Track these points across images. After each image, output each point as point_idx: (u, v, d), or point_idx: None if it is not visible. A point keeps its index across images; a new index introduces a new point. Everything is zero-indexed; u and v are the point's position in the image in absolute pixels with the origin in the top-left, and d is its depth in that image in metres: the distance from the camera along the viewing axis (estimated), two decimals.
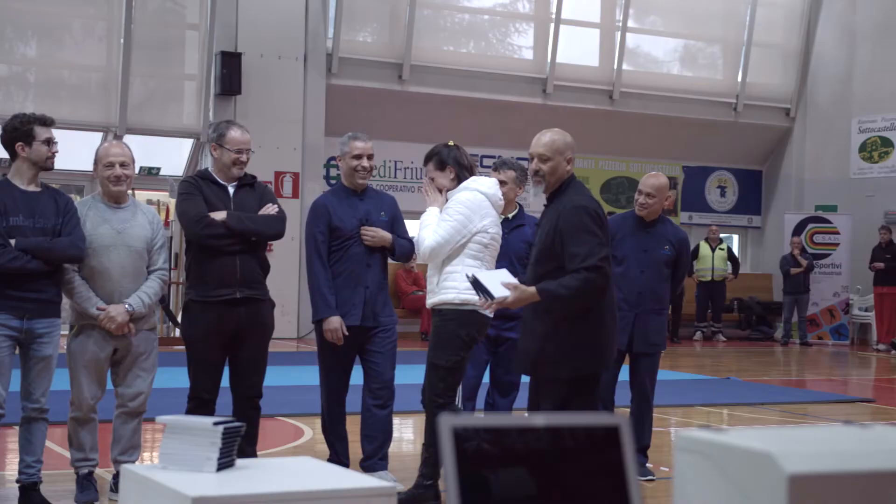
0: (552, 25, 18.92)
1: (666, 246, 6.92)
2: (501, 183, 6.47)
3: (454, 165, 6.08)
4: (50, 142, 5.75)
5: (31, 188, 5.76)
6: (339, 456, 6.34)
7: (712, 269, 18.75)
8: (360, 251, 6.32)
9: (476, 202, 5.96)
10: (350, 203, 6.40)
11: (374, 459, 6.37)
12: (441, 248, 5.89)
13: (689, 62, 20.88)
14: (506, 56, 19.34)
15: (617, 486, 2.02)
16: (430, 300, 6.02)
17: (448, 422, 1.95)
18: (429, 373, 5.95)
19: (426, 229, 5.95)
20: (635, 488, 2.00)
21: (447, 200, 6.02)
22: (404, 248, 6.46)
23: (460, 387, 6.53)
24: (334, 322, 6.21)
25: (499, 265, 6.11)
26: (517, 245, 6.66)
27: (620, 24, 19.44)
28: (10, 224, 5.61)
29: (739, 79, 20.46)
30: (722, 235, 19.66)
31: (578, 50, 19.36)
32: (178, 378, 7.69)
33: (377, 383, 6.35)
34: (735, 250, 20.89)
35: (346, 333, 6.23)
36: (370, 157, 6.44)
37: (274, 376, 6.25)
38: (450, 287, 5.90)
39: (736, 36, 20.56)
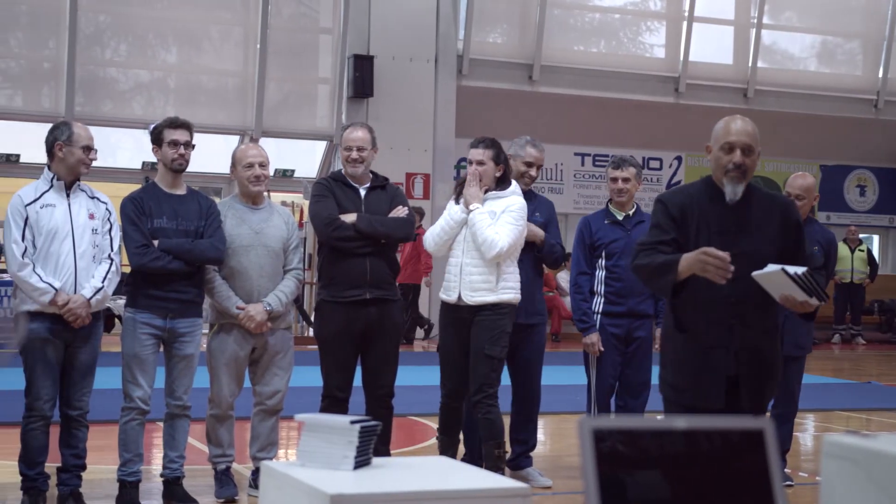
0: (685, 23, 18.67)
1: (815, 247, 6.75)
2: (624, 180, 6.55)
3: (504, 166, 6.18)
4: (176, 143, 5.87)
5: (176, 191, 5.92)
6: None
7: (851, 271, 18.25)
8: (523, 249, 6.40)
9: (525, 209, 6.17)
10: None
11: (522, 458, 6.57)
12: (512, 250, 6.05)
13: (826, 58, 20.36)
14: (637, 55, 19.15)
15: (760, 493, 1.98)
16: (488, 298, 6.03)
17: (588, 423, 1.94)
18: (482, 363, 6.03)
19: (490, 228, 5.99)
20: (781, 495, 1.96)
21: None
22: (554, 250, 6.58)
23: (594, 390, 6.53)
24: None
25: (625, 262, 6.23)
26: None
27: (755, 20, 19.07)
28: (154, 226, 5.78)
29: (881, 74, 19.87)
30: (861, 236, 19.12)
31: (712, 47, 19.06)
32: (312, 377, 7.82)
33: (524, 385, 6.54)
34: (875, 251, 20.30)
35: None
36: (539, 165, 6.63)
37: (406, 376, 6.31)
38: (510, 287, 6.07)
39: (877, 30, 19.97)
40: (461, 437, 6.38)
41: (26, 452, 5.53)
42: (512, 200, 6.11)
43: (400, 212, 6.14)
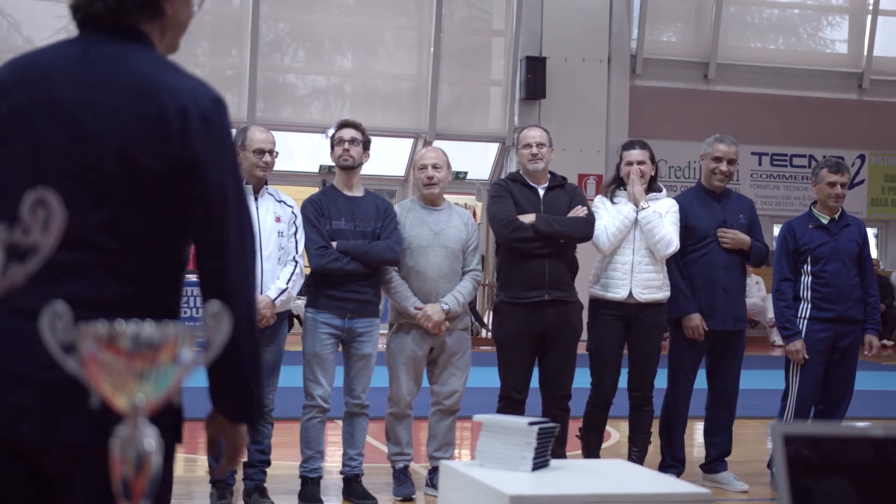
0: (869, 17, 18.05)
1: None
2: (843, 185, 6.47)
3: (656, 167, 6.43)
4: (342, 141, 6.02)
5: (354, 193, 6.05)
6: (673, 457, 6.42)
7: None
8: (717, 253, 6.38)
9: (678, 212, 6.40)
10: (708, 204, 6.50)
11: (717, 462, 6.54)
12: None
13: None
14: (817, 51, 18.62)
15: None
16: (657, 295, 6.23)
17: (780, 429, 1.90)
18: (653, 360, 6.28)
19: (665, 228, 6.21)
20: None
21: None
22: (760, 252, 6.54)
23: (794, 396, 6.38)
24: (695, 319, 6.31)
25: (832, 267, 6.35)
26: (849, 245, 6.50)
27: None
28: (332, 227, 5.91)
29: None
30: None
31: None
32: (487, 377, 7.86)
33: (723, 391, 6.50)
34: None
35: (706, 329, 6.32)
36: (732, 160, 6.56)
37: (580, 377, 6.30)
38: (668, 286, 6.29)
39: None
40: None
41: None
42: (671, 202, 6.38)
43: (579, 211, 6.12)
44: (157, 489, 1.26)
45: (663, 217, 6.24)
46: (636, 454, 6.32)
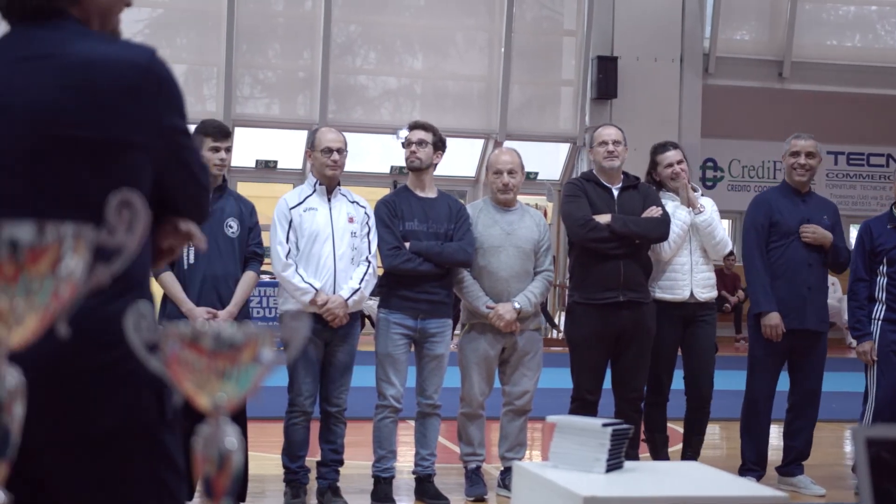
0: None
1: None
2: None
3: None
4: (409, 142, 6.06)
5: (427, 194, 6.06)
6: (756, 459, 6.37)
7: None
8: (801, 251, 6.34)
9: None
10: (793, 201, 6.48)
11: (794, 465, 6.49)
12: None
13: None
14: (895, 48, 18.29)
15: None
16: (713, 294, 6.37)
17: (862, 433, 1.87)
18: (712, 360, 6.37)
19: (721, 229, 6.39)
20: None
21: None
22: (841, 254, 6.47)
23: (873, 399, 6.28)
24: (774, 318, 6.26)
25: None
26: None
27: None
28: (406, 228, 5.94)
29: None
30: None
31: None
32: (556, 378, 7.84)
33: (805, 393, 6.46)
34: None
35: (785, 331, 6.27)
36: (810, 153, 6.51)
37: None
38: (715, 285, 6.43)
39: None
40: None
41: (288, 446, 5.77)
42: (711, 201, 6.53)
43: (654, 212, 6.08)
44: (239, 487, 1.27)
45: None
46: (690, 456, 6.31)
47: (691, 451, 6.36)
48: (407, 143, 6.08)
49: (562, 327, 12.98)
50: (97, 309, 1.81)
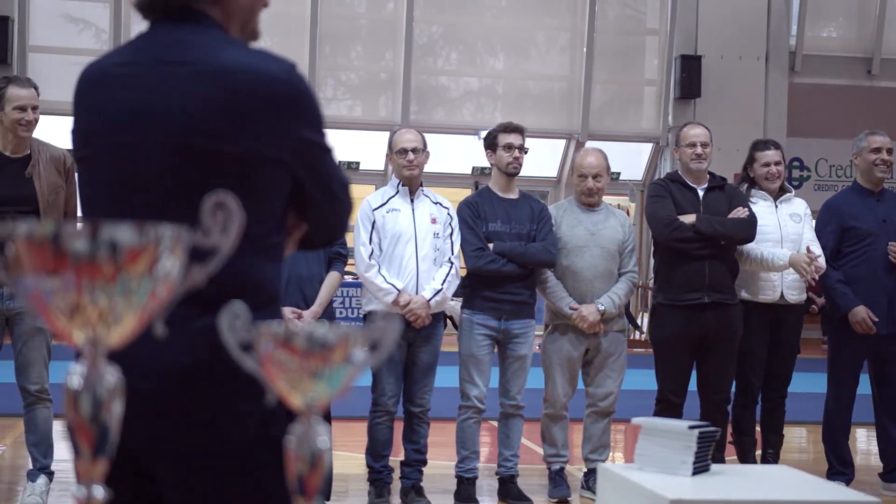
0: None
1: None
2: None
3: None
4: (510, 147, 6.01)
5: (509, 195, 6.06)
6: (840, 463, 6.28)
7: None
8: (879, 254, 6.23)
9: None
10: (867, 203, 6.36)
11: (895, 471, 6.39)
12: None
13: None
14: None
15: None
16: (802, 296, 6.27)
17: None
18: (793, 362, 6.30)
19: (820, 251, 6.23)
20: None
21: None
22: None
23: None
24: (861, 311, 6.17)
25: None
26: None
27: None
28: (489, 229, 5.94)
29: None
30: None
31: None
32: (639, 380, 7.78)
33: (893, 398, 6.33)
34: None
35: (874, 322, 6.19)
36: (890, 150, 6.39)
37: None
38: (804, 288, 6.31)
39: None
40: None
41: (372, 445, 5.81)
42: (804, 203, 6.47)
43: (740, 212, 6.01)
44: (328, 486, 1.29)
45: (803, 221, 6.26)
46: (772, 455, 6.25)
47: (771, 450, 6.27)
48: (507, 147, 6.02)
49: (644, 329, 12.90)
50: None
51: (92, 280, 1.13)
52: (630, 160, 17.15)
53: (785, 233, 6.19)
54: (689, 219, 5.96)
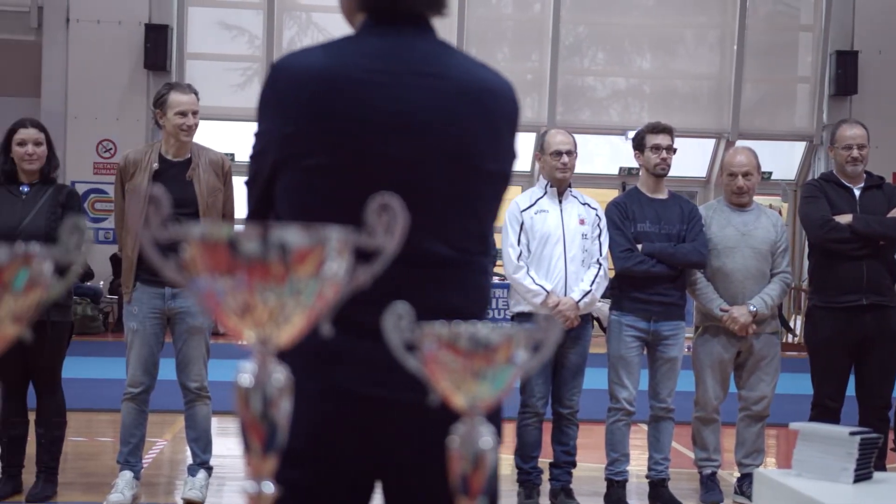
0: None
1: None
2: None
3: None
4: (658, 148, 5.92)
5: (658, 195, 5.99)
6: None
7: None
8: None
9: None
10: None
11: None
12: None
13: None
14: None
15: None
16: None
17: None
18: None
19: None
20: None
21: None
22: None
23: None
24: None
25: None
26: None
27: None
28: (637, 230, 5.88)
29: None
30: None
31: None
32: (792, 384, 7.60)
33: None
34: None
35: None
36: None
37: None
38: None
39: None
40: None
41: (521, 446, 5.81)
42: None
43: None
44: (493, 486, 1.29)
45: None
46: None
47: None
48: (654, 149, 5.94)
49: (797, 331, 12.59)
50: None
51: (263, 280, 1.16)
52: (782, 159, 16.77)
53: None
54: (845, 218, 5.80)
